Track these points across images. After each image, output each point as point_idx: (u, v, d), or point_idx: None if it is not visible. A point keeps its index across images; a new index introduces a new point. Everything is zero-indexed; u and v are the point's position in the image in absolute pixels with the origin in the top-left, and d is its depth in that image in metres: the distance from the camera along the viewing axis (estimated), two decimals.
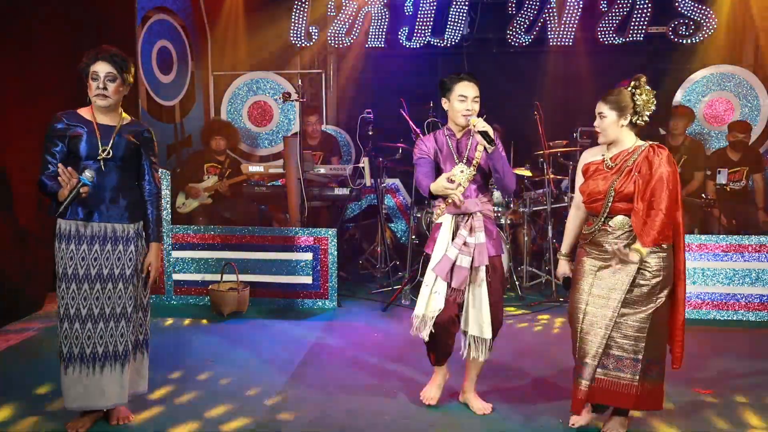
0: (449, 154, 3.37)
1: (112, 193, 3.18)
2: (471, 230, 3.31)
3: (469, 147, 3.36)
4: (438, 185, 3.22)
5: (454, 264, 3.30)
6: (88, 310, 3.19)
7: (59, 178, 3.02)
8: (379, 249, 6.27)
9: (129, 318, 3.24)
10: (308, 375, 4.07)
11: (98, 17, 5.67)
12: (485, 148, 3.18)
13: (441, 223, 3.38)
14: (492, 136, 3.16)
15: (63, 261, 3.19)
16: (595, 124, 3.17)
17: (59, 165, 3.04)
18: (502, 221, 5.95)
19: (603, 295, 3.13)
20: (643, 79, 3.13)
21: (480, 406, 3.50)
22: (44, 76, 5.31)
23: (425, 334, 3.36)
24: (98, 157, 3.15)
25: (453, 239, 3.33)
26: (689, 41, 7.16)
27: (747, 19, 7.40)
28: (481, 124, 3.17)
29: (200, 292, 5.57)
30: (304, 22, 7.69)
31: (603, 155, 3.22)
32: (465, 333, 3.42)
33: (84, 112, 3.23)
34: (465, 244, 3.29)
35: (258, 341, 4.68)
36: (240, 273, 5.38)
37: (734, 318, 5.22)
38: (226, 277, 5.38)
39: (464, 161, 3.34)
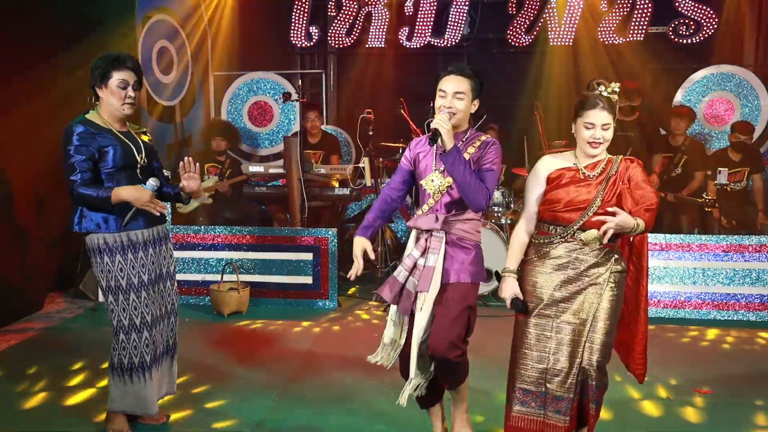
0: (429, 160, 2.93)
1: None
2: (424, 251, 2.86)
3: None
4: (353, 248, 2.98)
5: (403, 287, 2.88)
6: (144, 317, 3.17)
7: (153, 208, 3.05)
8: (379, 249, 6.27)
9: (174, 312, 3.39)
10: (308, 375, 4.07)
11: (98, 17, 5.67)
12: (443, 150, 2.74)
13: None
14: (443, 135, 2.68)
15: (113, 273, 3.09)
16: (598, 135, 2.83)
17: (153, 199, 3.05)
18: (503, 221, 5.95)
19: (568, 321, 2.83)
20: (613, 84, 2.91)
21: None
22: (44, 76, 5.31)
23: (378, 360, 2.97)
24: (138, 166, 3.15)
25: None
26: (689, 41, 7.16)
27: (747, 18, 7.40)
28: (437, 120, 2.71)
29: (200, 292, 5.57)
30: (304, 22, 7.69)
31: (575, 163, 2.92)
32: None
33: (96, 118, 3.13)
34: (415, 266, 2.87)
35: (258, 341, 4.68)
36: (240, 273, 5.38)
37: (734, 318, 5.22)
38: (227, 277, 5.38)
39: (441, 170, 2.88)
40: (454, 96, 2.85)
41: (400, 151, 6.30)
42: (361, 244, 2.98)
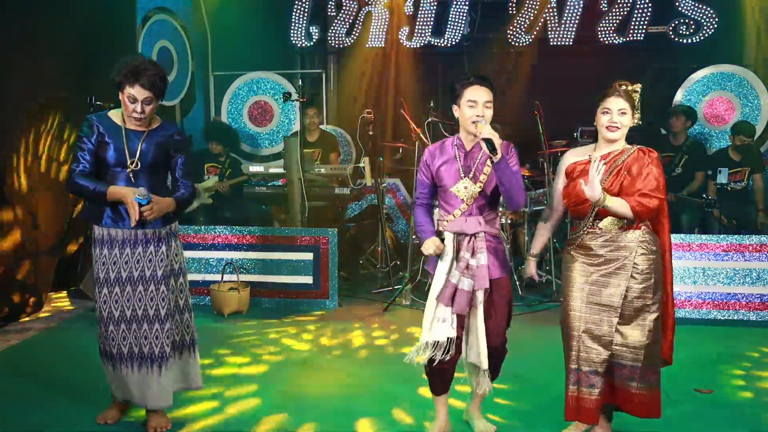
0: (454, 168, 3.10)
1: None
2: (473, 252, 3.06)
3: (478, 161, 3.08)
4: (426, 247, 3.10)
5: (456, 288, 3.05)
6: (120, 312, 3.18)
7: (132, 216, 3.03)
8: (379, 249, 6.27)
9: (163, 320, 3.19)
10: (308, 375, 4.07)
11: (99, 17, 5.67)
12: (490, 158, 2.95)
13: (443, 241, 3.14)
14: (496, 145, 2.90)
15: (97, 265, 3.19)
16: (615, 119, 3.02)
17: (135, 205, 3.02)
18: (503, 221, 5.95)
19: (599, 303, 3.05)
20: (633, 85, 3.13)
21: (482, 428, 3.29)
22: (45, 76, 5.31)
23: (424, 359, 3.10)
24: (126, 168, 3.12)
25: (456, 261, 3.08)
26: (689, 41, 7.16)
27: (748, 18, 7.40)
28: (487, 131, 2.92)
29: (201, 292, 5.57)
30: (304, 22, 7.69)
31: (590, 155, 3.11)
32: (465, 361, 3.22)
33: (114, 115, 3.19)
34: (467, 267, 3.05)
35: (258, 341, 4.68)
36: (240, 273, 5.38)
37: (735, 318, 5.22)
38: (227, 277, 5.38)
39: (470, 176, 3.09)
40: (484, 105, 3.05)
41: (400, 150, 6.30)
42: (434, 240, 3.13)
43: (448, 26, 7.51)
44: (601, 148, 3.12)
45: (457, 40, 7.56)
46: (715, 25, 7.04)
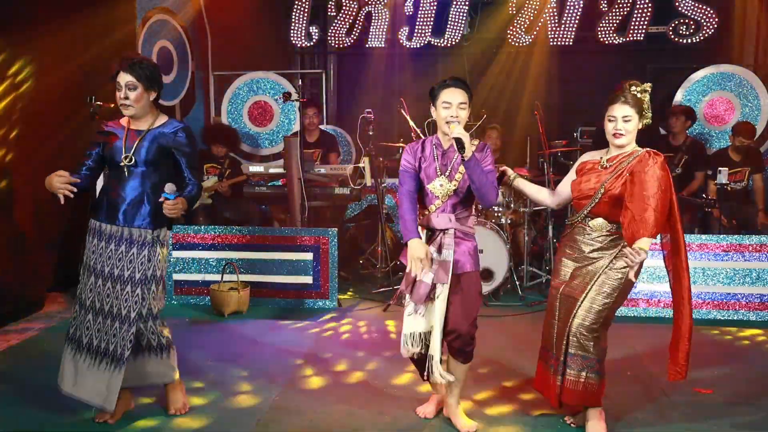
0: (432, 166, 3.24)
1: (135, 199, 3.22)
2: (439, 248, 3.19)
3: (454, 160, 3.22)
4: (411, 253, 3.15)
5: (416, 279, 3.19)
6: (91, 302, 3.24)
7: (61, 193, 3.15)
8: (379, 249, 6.27)
9: (132, 322, 3.20)
10: (308, 375, 4.07)
11: (98, 17, 5.67)
12: (462, 157, 3.06)
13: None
14: (465, 145, 3.01)
15: (87, 252, 3.29)
16: (619, 127, 3.11)
17: (60, 186, 3.14)
18: (503, 221, 5.95)
19: (570, 295, 3.19)
20: (643, 84, 3.18)
21: (463, 423, 3.33)
22: (45, 77, 5.31)
23: (409, 352, 3.30)
24: (120, 164, 3.22)
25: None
26: (689, 41, 7.17)
27: (747, 18, 7.42)
28: (458, 131, 3.04)
29: (201, 292, 5.57)
30: (304, 22, 7.70)
31: (601, 156, 3.24)
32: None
33: (124, 119, 3.32)
34: (431, 260, 3.18)
35: (258, 341, 4.68)
36: (240, 273, 5.38)
37: (735, 318, 5.22)
38: (227, 277, 5.38)
39: (446, 174, 3.22)
40: (458, 107, 3.15)
41: (400, 151, 6.30)
42: (423, 246, 3.18)
43: (448, 26, 7.51)
44: (611, 151, 3.23)
45: (457, 40, 7.56)
46: (715, 25, 7.04)
